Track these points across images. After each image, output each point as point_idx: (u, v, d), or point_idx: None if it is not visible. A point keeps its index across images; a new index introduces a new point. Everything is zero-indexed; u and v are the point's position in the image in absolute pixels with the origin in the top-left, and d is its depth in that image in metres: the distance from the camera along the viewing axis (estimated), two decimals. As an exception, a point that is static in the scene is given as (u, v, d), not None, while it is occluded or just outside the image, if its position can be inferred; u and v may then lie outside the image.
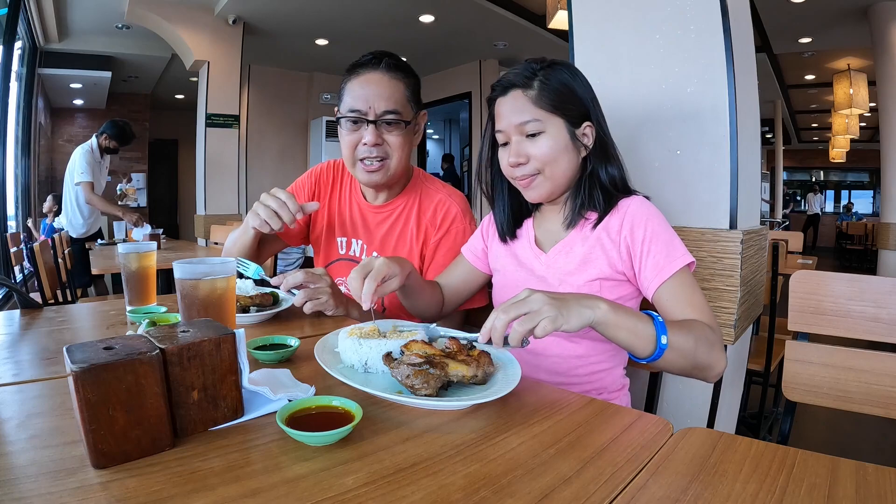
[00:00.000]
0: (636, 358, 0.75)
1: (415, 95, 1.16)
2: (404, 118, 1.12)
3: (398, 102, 1.11)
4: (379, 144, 1.12)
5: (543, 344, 0.96)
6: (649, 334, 0.72)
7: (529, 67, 0.92)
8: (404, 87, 1.13)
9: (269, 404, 0.58)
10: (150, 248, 1.07)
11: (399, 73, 1.13)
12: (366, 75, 1.11)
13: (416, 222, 1.22)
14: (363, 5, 4.80)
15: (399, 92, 1.12)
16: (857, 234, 9.85)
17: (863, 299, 0.87)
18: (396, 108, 1.11)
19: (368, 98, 1.10)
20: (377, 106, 1.10)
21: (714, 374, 0.80)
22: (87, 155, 3.73)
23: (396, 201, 1.25)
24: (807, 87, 8.32)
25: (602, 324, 0.70)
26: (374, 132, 1.10)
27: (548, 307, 0.65)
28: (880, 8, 4.52)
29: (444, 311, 1.13)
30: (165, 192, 9.49)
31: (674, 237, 0.88)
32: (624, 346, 0.73)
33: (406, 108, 1.13)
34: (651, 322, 0.73)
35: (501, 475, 0.47)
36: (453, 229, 1.21)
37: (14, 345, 0.86)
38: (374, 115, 1.10)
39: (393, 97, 1.10)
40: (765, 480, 0.47)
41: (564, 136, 0.91)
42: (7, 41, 4.30)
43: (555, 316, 0.64)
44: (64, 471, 0.45)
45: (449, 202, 1.22)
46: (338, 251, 1.30)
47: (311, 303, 0.96)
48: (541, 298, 0.66)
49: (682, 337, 0.74)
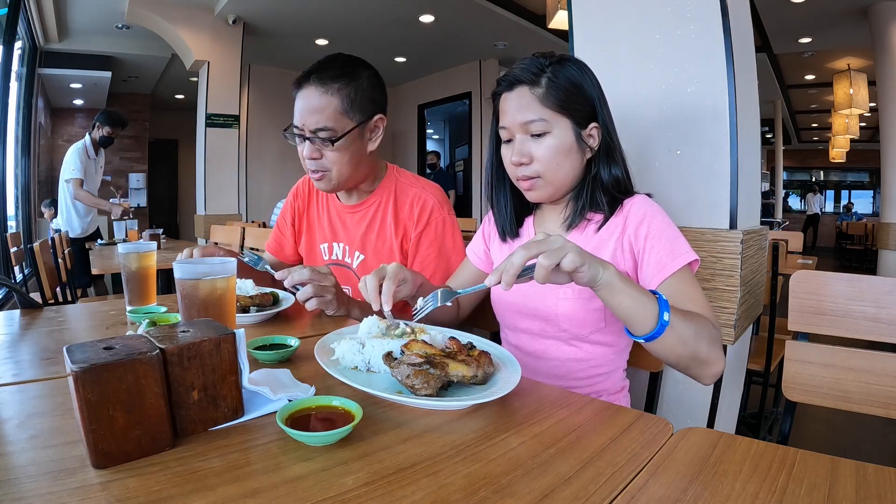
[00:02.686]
0: (634, 336, 0.73)
1: (356, 103, 1.11)
2: (336, 133, 1.10)
3: (329, 118, 1.09)
4: (316, 158, 1.13)
5: (543, 347, 0.96)
6: (652, 308, 0.70)
7: (537, 63, 0.88)
8: (338, 101, 1.09)
9: (269, 404, 0.58)
10: (150, 248, 1.07)
11: (334, 83, 1.09)
12: (301, 90, 1.11)
13: (393, 218, 1.23)
14: (363, 5, 4.80)
15: (331, 106, 1.09)
16: (857, 234, 9.85)
17: (863, 299, 0.87)
18: (326, 125, 1.09)
19: (302, 114, 1.11)
20: (308, 123, 1.10)
21: (711, 374, 0.78)
22: (79, 153, 3.73)
23: (370, 199, 1.26)
24: (807, 87, 8.32)
25: (607, 286, 0.69)
26: (310, 147, 1.12)
27: (571, 245, 0.66)
28: (880, 8, 4.52)
29: (460, 315, 1.13)
30: (165, 192, 9.49)
31: (677, 234, 0.87)
32: (625, 315, 0.71)
33: (340, 122, 1.10)
34: (655, 298, 0.71)
35: (501, 475, 0.47)
36: (433, 221, 1.21)
37: (14, 345, 0.86)
38: (308, 132, 1.11)
39: (324, 113, 1.09)
40: (765, 480, 0.47)
41: (570, 138, 0.88)
42: (7, 41, 4.29)
43: (580, 253, 0.65)
44: (64, 471, 0.45)
45: (424, 195, 1.23)
46: (322, 257, 1.32)
47: (315, 300, 0.94)
48: (562, 239, 0.66)
49: (684, 323, 0.72)
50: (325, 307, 0.96)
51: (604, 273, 0.68)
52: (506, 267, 0.65)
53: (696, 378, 0.79)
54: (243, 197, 5.67)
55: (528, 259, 0.65)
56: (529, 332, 0.98)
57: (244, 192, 5.90)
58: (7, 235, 3.26)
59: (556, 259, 0.64)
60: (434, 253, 1.21)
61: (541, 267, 0.64)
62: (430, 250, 1.21)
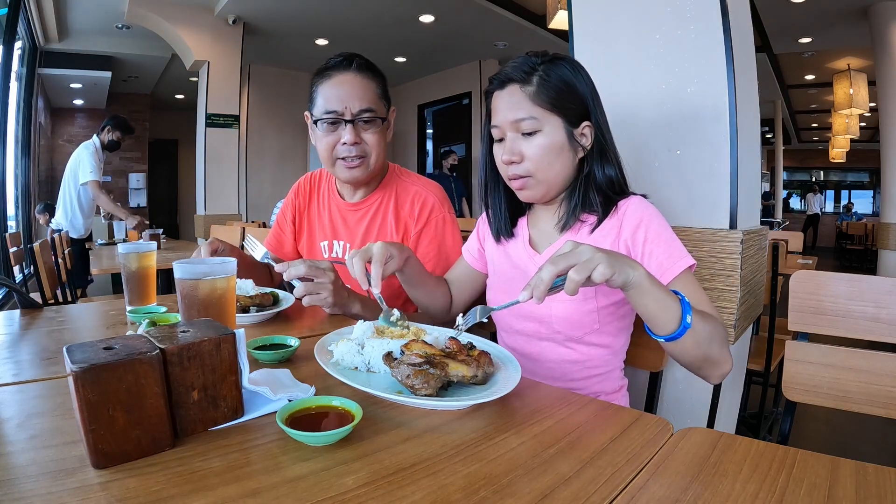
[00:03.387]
0: (655, 335, 0.74)
1: (385, 93, 1.19)
2: (379, 115, 1.15)
3: (372, 101, 1.14)
4: (358, 143, 1.15)
5: (539, 349, 0.96)
6: (676, 310, 0.71)
7: (529, 61, 0.88)
8: (375, 86, 1.16)
9: (269, 404, 0.58)
10: (150, 248, 1.07)
11: (369, 72, 1.16)
12: (338, 77, 1.14)
13: (394, 216, 1.24)
14: (363, 5, 4.80)
15: (371, 91, 1.15)
16: (857, 234, 9.86)
17: (863, 299, 0.87)
18: (371, 107, 1.14)
19: (343, 98, 1.12)
20: (353, 106, 1.12)
21: (720, 374, 0.79)
22: (93, 154, 3.74)
23: (372, 197, 1.27)
24: (807, 87, 8.32)
25: (637, 286, 0.69)
26: (353, 131, 1.13)
27: (599, 255, 0.65)
28: (880, 8, 4.52)
29: (454, 309, 1.13)
30: (165, 192, 9.49)
31: (674, 238, 0.87)
32: (649, 316, 0.72)
33: (380, 106, 1.16)
34: (678, 300, 0.72)
35: (501, 475, 0.47)
36: (433, 219, 1.22)
37: (14, 345, 0.86)
38: (351, 115, 1.13)
39: (366, 96, 1.13)
40: (765, 480, 0.47)
41: (561, 137, 0.88)
42: (7, 41, 4.30)
43: (609, 262, 0.65)
44: (64, 471, 0.45)
45: (425, 193, 1.24)
46: (322, 255, 1.34)
47: (310, 297, 0.94)
48: (590, 249, 0.66)
49: (702, 325, 0.73)
50: (321, 304, 0.96)
51: (634, 275, 0.68)
52: (535, 283, 0.65)
53: (705, 378, 0.80)
54: (243, 197, 5.67)
55: (557, 274, 0.65)
56: (525, 334, 0.98)
57: (244, 192, 5.90)
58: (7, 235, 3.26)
59: (587, 272, 0.64)
60: (434, 251, 1.21)
61: (571, 281, 0.64)
62: (430, 248, 1.21)
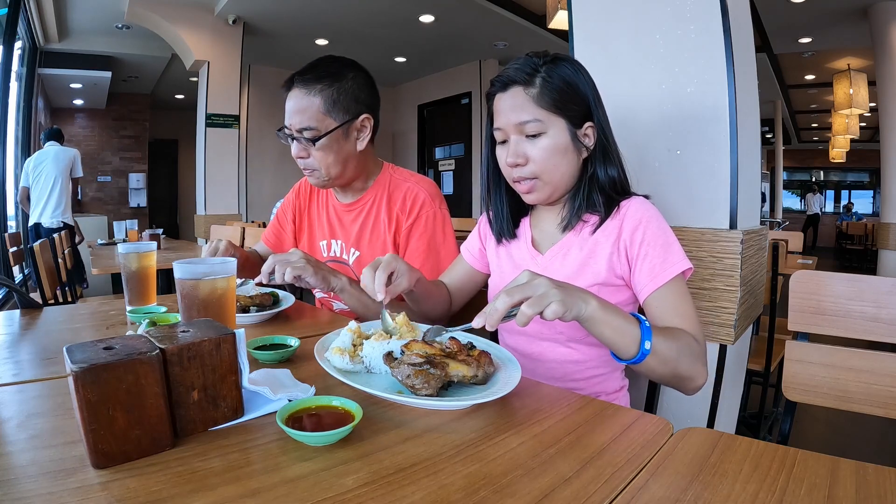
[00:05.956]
0: (618, 358, 0.75)
1: (339, 104, 1.15)
2: (319, 132, 1.14)
3: (312, 118, 1.14)
4: (303, 157, 1.18)
5: (540, 349, 0.96)
6: (634, 336, 0.72)
7: (531, 63, 0.87)
8: (320, 101, 1.14)
9: (269, 404, 0.58)
10: (150, 248, 1.07)
11: (316, 85, 1.13)
12: (289, 93, 1.17)
13: (386, 213, 1.25)
14: (363, 5, 4.80)
15: (313, 107, 1.13)
16: (857, 234, 9.86)
17: (863, 299, 0.87)
18: (309, 125, 1.14)
19: (288, 115, 1.16)
20: (294, 123, 1.15)
21: (693, 387, 0.79)
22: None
23: (365, 196, 1.28)
24: (807, 87, 8.32)
25: (590, 319, 0.70)
26: (297, 146, 1.17)
27: (553, 291, 0.65)
28: (880, 8, 4.52)
29: (452, 310, 1.13)
30: (165, 192, 9.49)
31: (672, 241, 0.86)
32: (607, 343, 0.73)
33: (322, 122, 1.14)
34: (638, 325, 0.73)
35: (501, 475, 0.47)
36: (423, 214, 1.22)
37: (14, 345, 0.86)
38: (294, 132, 1.15)
39: (306, 113, 1.13)
40: (765, 480, 0.47)
41: (565, 138, 0.88)
42: (7, 41, 4.30)
43: (562, 300, 0.65)
44: (64, 471, 0.45)
45: (417, 189, 1.24)
46: (321, 254, 1.35)
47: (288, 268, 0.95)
48: (546, 282, 0.66)
49: (666, 344, 0.74)
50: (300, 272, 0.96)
51: (586, 308, 0.69)
52: (490, 312, 0.65)
53: (680, 391, 0.81)
54: (243, 197, 5.66)
55: (511, 305, 0.65)
56: (526, 335, 0.97)
57: (244, 192, 5.90)
58: (7, 235, 3.26)
59: (539, 308, 0.64)
60: (423, 245, 1.21)
61: (523, 315, 0.64)
62: (420, 242, 1.21)
